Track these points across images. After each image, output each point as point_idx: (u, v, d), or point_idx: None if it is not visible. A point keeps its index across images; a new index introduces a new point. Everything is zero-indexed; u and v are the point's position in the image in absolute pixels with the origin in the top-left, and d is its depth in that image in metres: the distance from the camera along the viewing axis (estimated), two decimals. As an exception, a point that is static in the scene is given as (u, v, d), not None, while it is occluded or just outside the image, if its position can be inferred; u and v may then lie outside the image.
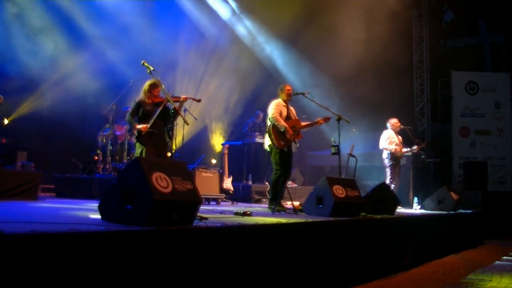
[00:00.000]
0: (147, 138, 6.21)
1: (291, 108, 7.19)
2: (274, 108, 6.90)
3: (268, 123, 6.97)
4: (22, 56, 9.64)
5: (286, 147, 6.87)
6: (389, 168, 9.36)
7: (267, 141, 6.99)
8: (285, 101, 7.06)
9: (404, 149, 9.57)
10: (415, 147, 9.68)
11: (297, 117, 7.18)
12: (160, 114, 6.27)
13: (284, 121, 6.86)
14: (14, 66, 9.40)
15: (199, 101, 6.68)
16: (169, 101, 5.99)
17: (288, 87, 7.12)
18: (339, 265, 4.84)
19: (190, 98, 6.42)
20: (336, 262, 4.79)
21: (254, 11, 13.35)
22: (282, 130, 6.78)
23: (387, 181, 9.13)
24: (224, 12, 13.27)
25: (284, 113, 6.96)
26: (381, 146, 9.48)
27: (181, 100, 6.33)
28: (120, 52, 10.54)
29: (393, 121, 9.62)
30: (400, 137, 9.62)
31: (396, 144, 9.40)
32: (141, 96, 6.43)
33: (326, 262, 4.62)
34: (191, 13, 12.59)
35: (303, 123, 7.16)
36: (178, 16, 12.20)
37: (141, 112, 6.31)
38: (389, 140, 9.42)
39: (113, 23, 10.66)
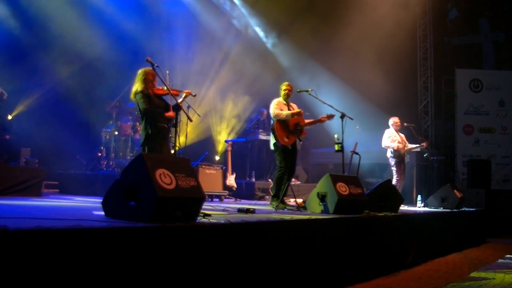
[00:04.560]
0: (157, 135, 5.80)
1: (293, 105, 7.24)
2: (274, 106, 6.99)
3: (272, 122, 7.06)
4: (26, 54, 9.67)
5: (290, 144, 6.89)
6: (395, 166, 9.33)
7: (272, 140, 7.05)
8: (285, 99, 7.12)
9: (410, 145, 9.56)
10: (422, 144, 9.66)
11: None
12: (163, 107, 5.90)
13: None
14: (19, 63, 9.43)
15: (194, 96, 6.19)
16: (172, 94, 5.72)
17: (285, 87, 7.16)
18: (342, 263, 4.84)
19: (190, 94, 6.02)
20: (339, 259, 4.78)
21: (256, 6, 13.37)
22: (289, 119, 6.86)
23: (394, 180, 9.10)
24: (227, 7, 13.30)
25: (285, 110, 7.03)
26: (383, 145, 9.46)
27: (184, 95, 5.94)
28: (123, 49, 10.53)
29: (394, 120, 9.61)
30: (402, 134, 9.60)
31: (398, 142, 9.38)
32: (140, 86, 5.81)
33: (329, 260, 4.62)
34: (194, 10, 12.59)
35: (306, 121, 7.19)
36: (180, 13, 12.21)
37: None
38: (390, 138, 9.40)
39: (116, 20, 10.66)
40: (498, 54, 15.54)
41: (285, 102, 7.09)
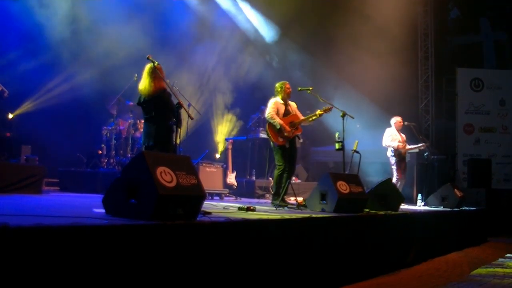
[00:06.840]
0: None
1: (291, 103, 7.20)
2: (271, 107, 6.98)
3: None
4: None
5: (286, 143, 6.88)
6: (395, 165, 9.31)
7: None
8: (283, 99, 7.08)
9: (409, 146, 9.55)
10: (421, 144, 9.64)
11: (297, 112, 7.16)
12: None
13: (282, 118, 6.91)
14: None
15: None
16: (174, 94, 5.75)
17: (287, 86, 7.12)
18: (342, 261, 4.84)
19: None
20: (339, 258, 4.79)
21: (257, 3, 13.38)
22: (278, 128, 6.81)
23: (394, 179, 9.09)
24: (227, 3, 13.28)
25: (282, 110, 7.01)
26: (384, 144, 9.45)
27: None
28: (124, 46, 10.51)
29: (397, 119, 9.59)
30: (403, 134, 9.59)
31: (399, 141, 9.37)
32: (160, 82, 5.78)
33: (329, 258, 4.62)
34: (194, 6, 12.57)
35: (301, 118, 7.13)
36: (181, 10, 12.19)
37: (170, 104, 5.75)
38: (391, 137, 9.39)
39: (116, 17, 10.63)
40: (499, 53, 15.54)
41: (282, 102, 7.04)
